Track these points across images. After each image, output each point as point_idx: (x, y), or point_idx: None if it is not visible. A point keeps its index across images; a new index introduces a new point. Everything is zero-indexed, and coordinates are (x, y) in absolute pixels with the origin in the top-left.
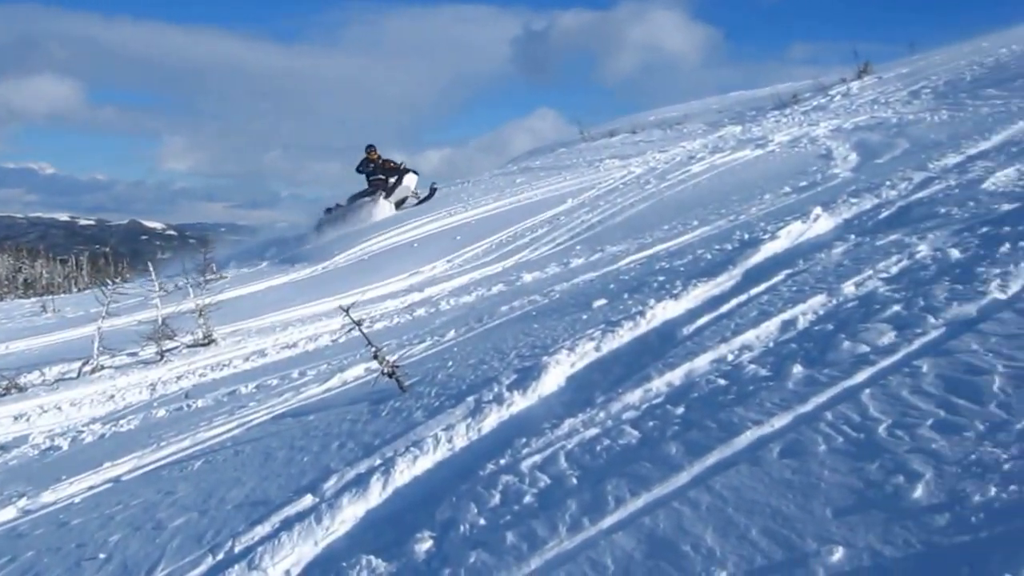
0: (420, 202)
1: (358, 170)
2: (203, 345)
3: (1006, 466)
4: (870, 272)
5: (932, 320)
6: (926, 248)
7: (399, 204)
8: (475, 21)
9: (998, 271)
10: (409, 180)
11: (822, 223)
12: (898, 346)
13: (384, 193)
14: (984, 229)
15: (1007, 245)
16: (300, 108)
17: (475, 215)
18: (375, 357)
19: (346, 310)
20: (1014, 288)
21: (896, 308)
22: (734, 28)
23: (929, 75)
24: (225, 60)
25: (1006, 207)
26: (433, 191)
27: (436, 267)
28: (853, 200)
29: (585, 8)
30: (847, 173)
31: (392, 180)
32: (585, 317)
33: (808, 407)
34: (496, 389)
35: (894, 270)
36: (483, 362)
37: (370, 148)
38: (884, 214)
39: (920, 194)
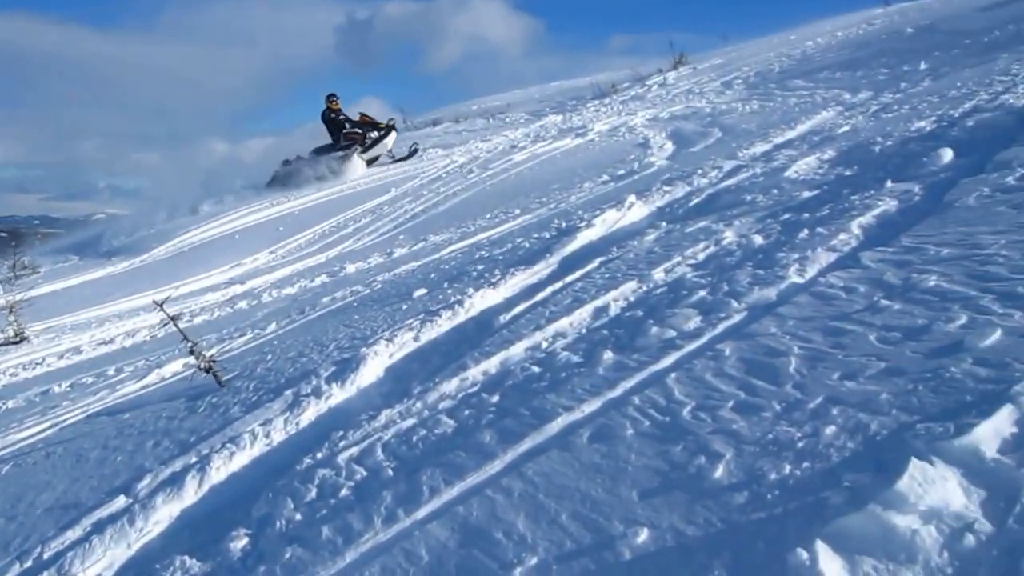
0: (396, 161)
1: (324, 119)
2: (14, 343)
3: (800, 444)
4: (679, 259)
5: (735, 304)
6: (732, 235)
7: (371, 162)
8: (297, 8)
9: (796, 256)
10: (390, 139)
11: (636, 211)
12: (703, 330)
13: (360, 149)
14: (785, 216)
15: (805, 231)
16: (117, 96)
17: (298, 205)
18: (192, 352)
19: (160, 305)
20: (811, 272)
21: (702, 293)
22: (556, 19)
23: (741, 66)
24: (36, 45)
25: (806, 194)
26: (414, 151)
27: (259, 259)
28: (666, 188)
29: None
30: (663, 162)
31: (374, 135)
32: (405, 307)
33: (617, 392)
34: (315, 382)
35: (701, 256)
36: (303, 355)
37: (332, 97)
38: (694, 202)
39: (729, 182)
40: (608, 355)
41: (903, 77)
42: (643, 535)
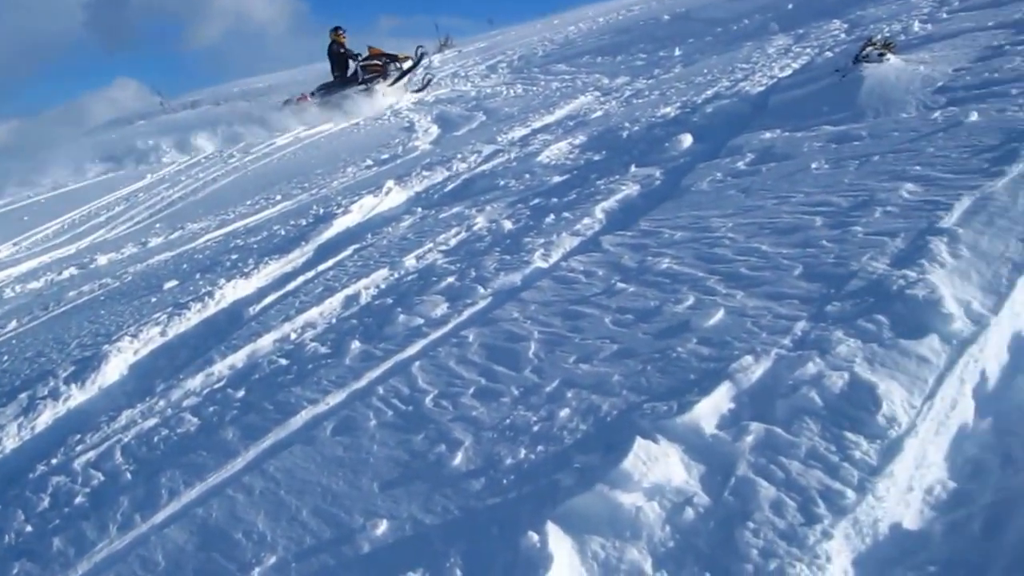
0: (416, 91)
1: (330, 53)
2: None
3: (535, 428)
4: (431, 245)
5: (481, 290)
6: (483, 220)
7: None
8: None
9: (542, 241)
10: (420, 69)
11: (394, 196)
12: (449, 317)
13: (387, 81)
14: (535, 201)
15: (552, 216)
16: None
17: (46, 194)
18: None
19: None
20: (555, 257)
21: (451, 280)
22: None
23: (505, 50)
24: None
25: (556, 179)
26: (428, 81)
27: (1, 251)
28: (426, 173)
29: None
30: (426, 146)
31: (403, 66)
32: (154, 300)
33: (362, 383)
34: (52, 383)
35: (453, 242)
36: (42, 354)
37: (338, 30)
38: (451, 187)
39: (485, 167)
40: (356, 345)
41: (658, 63)
42: (382, 527)
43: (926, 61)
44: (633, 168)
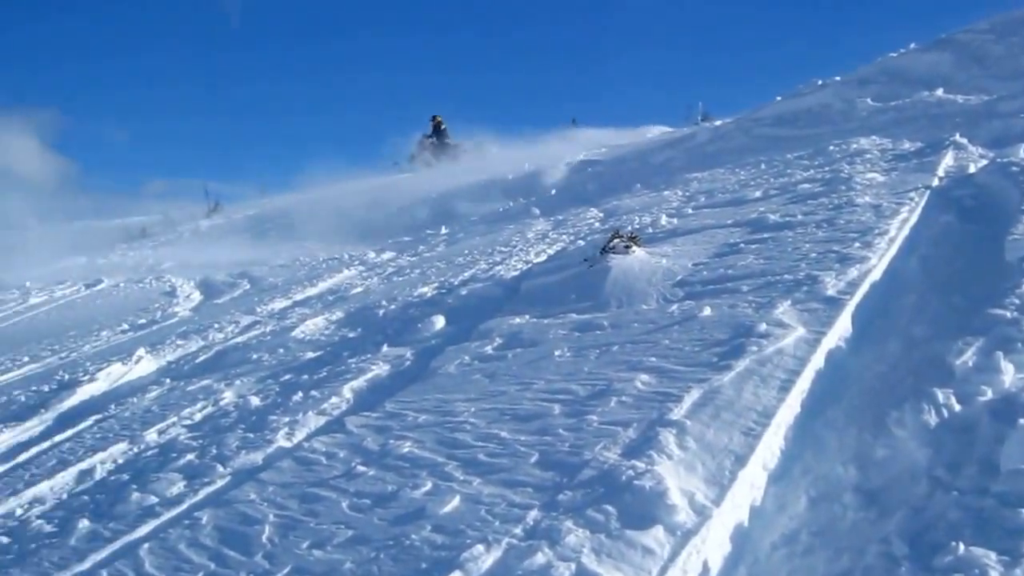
0: None
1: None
2: None
3: None
4: (175, 419)
5: (221, 469)
6: (231, 395)
7: None
8: None
9: (288, 420)
10: None
11: (144, 365)
12: (185, 496)
13: None
14: (286, 376)
15: (300, 394)
16: None
17: None
18: None
19: None
20: (298, 437)
21: (191, 456)
22: (91, 161)
23: (275, 217)
24: None
25: (309, 355)
26: None
27: None
28: (180, 342)
29: None
30: (186, 312)
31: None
32: None
33: (86, 565)
34: None
35: (198, 417)
36: None
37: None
38: (203, 357)
39: (241, 338)
40: (84, 523)
41: (423, 240)
42: None
43: (668, 255)
44: (385, 347)
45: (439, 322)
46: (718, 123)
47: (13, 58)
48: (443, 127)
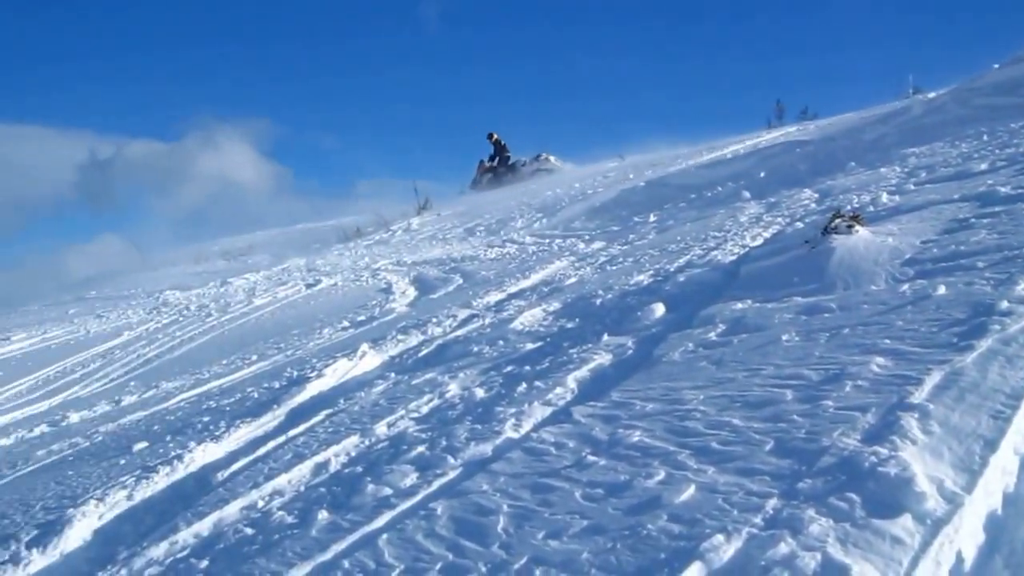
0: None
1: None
2: None
3: None
4: (403, 412)
5: (452, 460)
6: (456, 387)
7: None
8: (35, 142)
9: (514, 410)
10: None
11: (368, 360)
12: (418, 488)
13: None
14: (508, 368)
15: (524, 385)
16: None
17: (21, 348)
18: None
19: None
20: (526, 427)
21: (421, 448)
22: (302, 167)
23: (483, 214)
24: None
25: (529, 346)
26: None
27: None
28: (401, 337)
29: (153, 139)
30: (403, 308)
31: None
32: (123, 462)
33: (328, 555)
34: (13, 547)
35: (425, 409)
36: (4, 516)
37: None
38: (425, 352)
39: (460, 332)
40: (323, 515)
41: (633, 229)
42: None
43: (894, 233)
44: (606, 337)
45: (658, 310)
46: (931, 95)
47: (224, 73)
48: (503, 144)
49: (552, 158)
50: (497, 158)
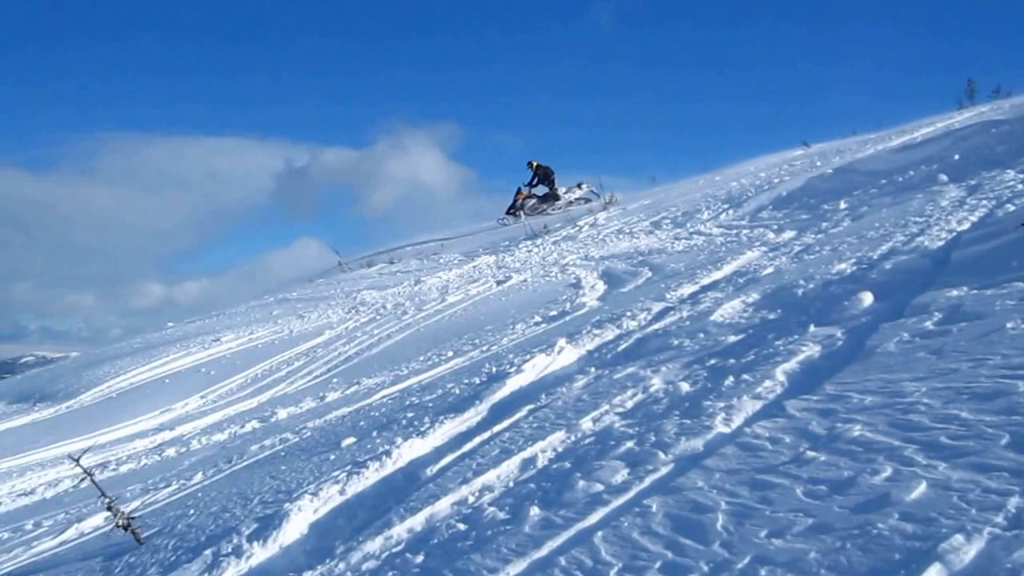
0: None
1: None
2: None
3: None
4: (607, 407)
5: (662, 456)
6: (659, 381)
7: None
8: (235, 154)
9: (723, 405)
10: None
11: (566, 355)
12: (630, 484)
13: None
14: (712, 361)
15: (731, 378)
16: (53, 238)
17: (230, 348)
18: (109, 509)
19: (76, 459)
20: (737, 422)
21: (629, 444)
22: (487, 168)
23: (668, 206)
24: None
25: (731, 339)
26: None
27: (188, 404)
28: (596, 331)
29: (346, 146)
30: (594, 302)
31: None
32: (333, 457)
33: (543, 552)
34: (235, 540)
35: (629, 404)
36: (226, 509)
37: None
38: (623, 346)
39: (657, 325)
40: (535, 511)
41: (824, 217)
42: None
43: None
44: (812, 328)
45: (866, 299)
46: None
47: (411, 79)
48: (548, 169)
49: (585, 185)
50: (539, 184)
